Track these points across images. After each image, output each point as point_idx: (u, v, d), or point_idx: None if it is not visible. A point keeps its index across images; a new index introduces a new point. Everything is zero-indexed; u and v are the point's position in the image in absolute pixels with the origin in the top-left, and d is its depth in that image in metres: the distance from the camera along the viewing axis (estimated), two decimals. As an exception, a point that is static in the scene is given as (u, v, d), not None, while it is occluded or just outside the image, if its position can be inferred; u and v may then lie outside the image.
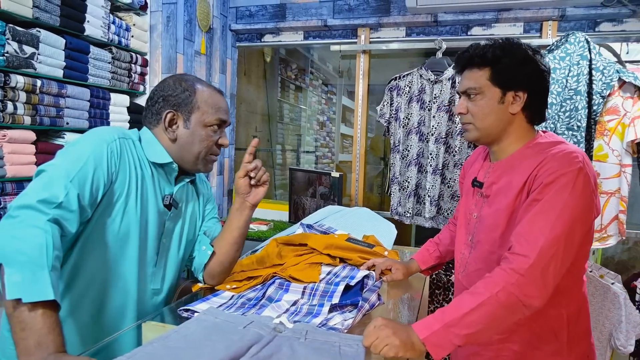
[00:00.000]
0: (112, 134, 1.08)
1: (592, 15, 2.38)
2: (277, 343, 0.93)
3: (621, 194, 2.07)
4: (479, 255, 1.23)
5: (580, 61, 2.07)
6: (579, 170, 1.03)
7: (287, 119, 4.60)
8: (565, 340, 1.13)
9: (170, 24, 2.44)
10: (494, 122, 1.16)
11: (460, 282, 1.31)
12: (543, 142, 1.16)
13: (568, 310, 1.13)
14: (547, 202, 1.02)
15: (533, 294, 0.95)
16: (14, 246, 0.81)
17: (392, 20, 2.67)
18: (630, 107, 2.04)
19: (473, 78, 1.17)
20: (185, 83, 1.17)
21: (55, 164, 0.97)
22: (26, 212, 0.86)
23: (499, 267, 1.00)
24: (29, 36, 1.74)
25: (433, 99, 2.35)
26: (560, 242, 0.98)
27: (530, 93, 1.15)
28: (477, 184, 1.26)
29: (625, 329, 2.04)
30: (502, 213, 1.14)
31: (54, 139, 1.94)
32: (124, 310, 1.11)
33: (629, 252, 3.12)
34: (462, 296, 0.98)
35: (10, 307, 0.78)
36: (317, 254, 1.50)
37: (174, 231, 1.21)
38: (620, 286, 2.10)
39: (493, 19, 2.53)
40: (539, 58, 1.16)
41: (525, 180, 1.10)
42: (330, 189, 2.33)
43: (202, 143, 1.16)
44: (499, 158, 1.22)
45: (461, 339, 0.92)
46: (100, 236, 1.04)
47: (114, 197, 1.05)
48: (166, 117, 1.15)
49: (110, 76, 2.17)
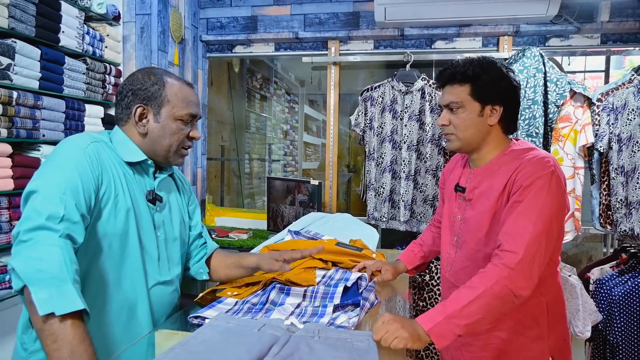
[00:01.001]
0: (84, 140, 1.07)
1: (542, 31, 2.62)
2: (294, 342, 0.98)
3: (576, 193, 2.28)
4: (465, 254, 1.35)
5: (536, 74, 2.27)
6: (552, 173, 1.18)
7: (253, 128, 4.62)
8: (545, 325, 1.26)
9: (144, 35, 2.43)
10: (474, 133, 1.29)
11: (447, 280, 1.42)
12: (517, 149, 1.30)
13: (547, 299, 1.26)
14: (527, 202, 1.15)
15: (522, 285, 1.08)
16: (34, 266, 0.82)
17: (361, 34, 2.80)
18: (581, 115, 2.26)
19: (455, 93, 1.29)
20: (155, 76, 1.15)
21: (42, 181, 0.96)
22: (37, 233, 0.87)
23: (491, 263, 1.12)
24: (5, 47, 1.70)
25: (404, 108, 2.48)
26: (542, 238, 1.11)
27: (506, 106, 1.29)
28: (460, 189, 1.38)
29: (583, 317, 2.23)
30: (486, 215, 1.27)
31: (29, 152, 1.89)
32: (136, 306, 1.11)
33: (578, 247, 3.40)
34: (459, 291, 1.08)
35: (40, 322, 0.79)
36: (310, 258, 1.55)
37: (165, 223, 1.22)
38: (576, 278, 2.30)
39: (455, 34, 2.71)
40: (512, 75, 1.31)
41: (505, 183, 1.23)
42: (309, 197, 2.40)
43: (173, 136, 1.16)
44: (479, 165, 1.35)
45: (462, 329, 1.03)
46: (100, 240, 1.04)
47: (105, 200, 1.05)
48: (136, 111, 1.13)
49: (85, 87, 2.14)
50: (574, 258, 3.26)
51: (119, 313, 1.09)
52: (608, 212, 2.30)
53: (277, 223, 2.58)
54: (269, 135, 5.07)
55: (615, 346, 2.14)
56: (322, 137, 6.30)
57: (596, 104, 2.26)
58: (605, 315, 2.16)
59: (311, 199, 2.40)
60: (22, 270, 0.82)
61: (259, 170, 4.90)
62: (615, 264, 2.29)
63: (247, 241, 2.48)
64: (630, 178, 2.20)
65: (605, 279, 2.22)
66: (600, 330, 2.19)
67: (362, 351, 0.97)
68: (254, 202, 4.72)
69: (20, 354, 1.03)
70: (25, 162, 1.82)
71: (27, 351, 1.02)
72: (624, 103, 2.21)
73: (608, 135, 2.24)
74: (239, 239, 2.51)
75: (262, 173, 4.99)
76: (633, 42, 2.55)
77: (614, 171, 2.24)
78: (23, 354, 1.03)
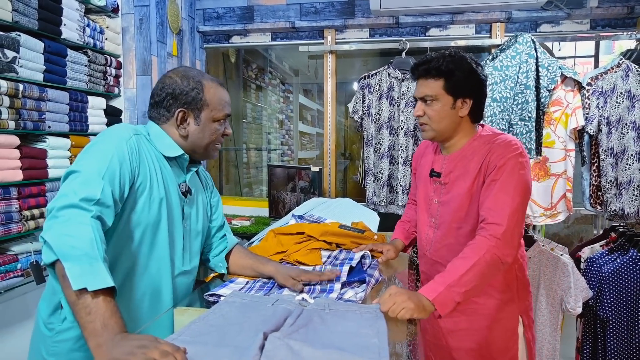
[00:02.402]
0: (128, 131, 1.13)
1: (534, 17, 2.67)
2: (306, 315, 1.04)
3: (567, 175, 2.36)
4: (445, 232, 1.48)
5: (529, 59, 2.33)
6: (520, 154, 1.34)
7: (249, 118, 4.65)
8: (515, 289, 1.45)
9: (143, 27, 2.46)
10: (447, 124, 1.42)
11: (428, 258, 1.55)
12: (485, 134, 1.45)
13: (515, 266, 1.44)
14: (504, 180, 1.31)
15: (508, 252, 1.23)
16: (68, 243, 0.87)
17: (357, 22, 2.84)
18: (572, 98, 2.33)
19: (429, 86, 1.41)
20: (193, 80, 1.20)
21: (84, 163, 1.02)
22: (71, 211, 0.92)
23: (479, 236, 1.26)
24: (10, 40, 1.72)
25: (401, 95, 2.54)
26: (520, 210, 1.28)
27: (475, 99, 1.42)
28: (436, 174, 1.50)
29: (574, 294, 2.32)
30: (464, 195, 1.41)
31: (36, 144, 1.93)
32: (160, 292, 1.18)
33: (569, 229, 3.51)
34: (454, 262, 1.20)
35: (73, 296, 0.84)
36: (315, 240, 1.62)
37: (191, 215, 1.29)
38: (568, 257, 2.39)
39: (449, 21, 2.76)
40: (480, 70, 1.43)
41: (479, 166, 1.38)
42: (310, 183, 2.46)
43: (211, 137, 1.24)
44: (451, 152, 1.48)
45: (461, 296, 1.14)
46: (133, 227, 1.10)
47: (140, 190, 1.11)
48: (178, 115, 1.19)
49: (87, 79, 2.17)
50: (566, 239, 3.37)
51: (142, 299, 1.15)
52: (598, 192, 2.39)
53: (278, 209, 2.64)
54: (265, 124, 5.11)
55: (605, 321, 2.24)
56: (317, 126, 6.34)
57: (586, 88, 2.33)
58: (596, 291, 2.26)
59: (312, 185, 2.46)
60: (56, 245, 0.87)
61: (256, 160, 4.94)
62: (605, 243, 2.38)
63: (250, 227, 2.54)
64: (619, 159, 2.28)
65: (596, 257, 2.31)
66: (591, 306, 2.29)
67: (370, 320, 1.04)
68: (251, 192, 4.77)
69: (45, 333, 1.08)
70: (32, 154, 1.86)
71: (53, 331, 1.08)
72: (612, 87, 2.29)
73: (598, 118, 2.31)
74: (241, 225, 2.58)
75: (259, 163, 5.03)
76: (621, 27, 2.62)
77: (604, 153, 2.31)
78: (48, 334, 1.08)
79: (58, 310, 1.07)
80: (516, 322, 1.47)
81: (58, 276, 0.88)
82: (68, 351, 1.07)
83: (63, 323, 1.07)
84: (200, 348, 0.86)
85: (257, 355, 0.81)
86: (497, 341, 1.46)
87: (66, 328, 1.07)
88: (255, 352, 0.81)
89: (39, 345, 1.10)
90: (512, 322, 1.46)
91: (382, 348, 0.88)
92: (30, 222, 1.85)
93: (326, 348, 0.86)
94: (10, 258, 1.78)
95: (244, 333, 0.94)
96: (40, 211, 1.90)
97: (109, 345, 0.79)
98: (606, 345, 2.25)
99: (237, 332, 0.96)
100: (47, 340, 1.08)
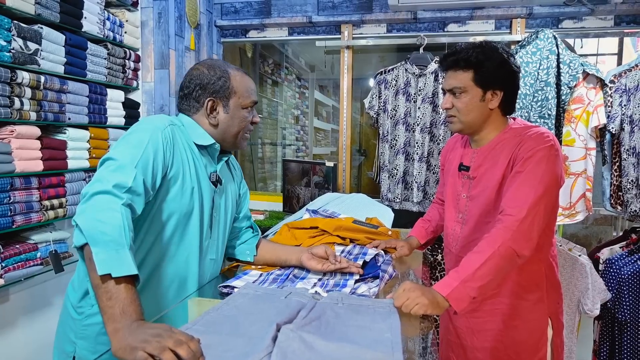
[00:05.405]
0: (164, 121, 1.16)
1: (555, 13, 2.62)
2: (320, 308, 1.04)
3: (587, 174, 2.31)
4: (472, 227, 1.43)
5: (549, 55, 2.28)
6: (551, 146, 1.28)
7: (265, 113, 4.66)
8: (544, 289, 1.38)
9: (162, 20, 2.48)
10: (476, 117, 1.37)
11: (454, 255, 1.51)
12: (516, 127, 1.39)
13: (545, 265, 1.38)
14: (529, 172, 1.25)
15: (524, 245, 1.17)
16: (98, 228, 0.89)
17: (374, 17, 2.81)
18: (593, 96, 2.28)
19: (458, 78, 1.36)
20: (219, 70, 1.23)
21: (120, 151, 1.05)
22: (104, 197, 0.95)
23: (494, 228, 1.20)
24: (33, 32, 1.75)
25: (418, 91, 2.52)
26: (541, 202, 1.21)
27: (506, 91, 1.36)
28: (464, 167, 1.46)
29: (592, 295, 2.28)
30: (493, 189, 1.35)
31: (56, 135, 1.96)
32: (186, 281, 1.20)
33: (588, 229, 3.44)
34: (469, 256, 1.16)
35: (97, 280, 0.86)
36: (328, 235, 1.62)
37: (221, 205, 1.31)
38: (586, 257, 2.34)
39: (468, 17, 2.72)
40: (512, 60, 1.37)
41: (509, 159, 1.32)
42: (324, 178, 2.46)
43: (241, 124, 1.26)
44: (480, 145, 1.43)
45: (476, 291, 1.10)
46: (165, 216, 1.13)
47: (173, 180, 1.14)
48: (207, 104, 1.22)
49: (106, 72, 2.20)
50: (584, 240, 3.30)
51: (169, 286, 1.17)
52: (619, 193, 2.33)
53: (292, 204, 2.65)
54: (280, 120, 5.11)
55: (623, 324, 2.20)
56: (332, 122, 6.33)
57: (609, 86, 2.27)
58: (614, 293, 2.21)
59: (326, 180, 2.46)
60: (86, 229, 0.89)
61: (271, 155, 4.95)
62: (625, 244, 2.33)
63: (264, 221, 2.55)
64: (641, 159, 2.22)
65: (615, 259, 2.26)
66: (609, 308, 2.24)
67: (383, 315, 1.04)
68: (266, 186, 4.79)
69: (75, 317, 1.12)
70: (53, 145, 1.90)
71: (82, 314, 1.12)
72: (636, 85, 2.23)
73: (620, 117, 2.26)
74: (256, 219, 2.58)
75: (274, 158, 5.04)
76: (647, 23, 2.55)
77: (626, 152, 2.26)
78: (78, 317, 1.12)
79: (88, 295, 1.10)
80: (545, 324, 1.41)
81: (85, 259, 0.90)
82: (97, 334, 1.10)
83: (92, 307, 1.10)
84: (214, 337, 0.87)
85: (270, 346, 0.81)
86: (525, 342, 1.40)
87: (95, 312, 1.09)
88: (268, 342, 0.82)
89: (67, 329, 1.14)
90: (541, 323, 1.41)
91: (395, 343, 0.87)
92: (49, 211, 1.89)
93: (339, 341, 0.86)
94: (30, 247, 1.82)
95: (258, 324, 0.95)
96: (59, 201, 1.94)
97: (125, 332, 0.80)
98: (622, 349, 2.21)
99: (250, 323, 0.96)
100: (77, 323, 1.11)
